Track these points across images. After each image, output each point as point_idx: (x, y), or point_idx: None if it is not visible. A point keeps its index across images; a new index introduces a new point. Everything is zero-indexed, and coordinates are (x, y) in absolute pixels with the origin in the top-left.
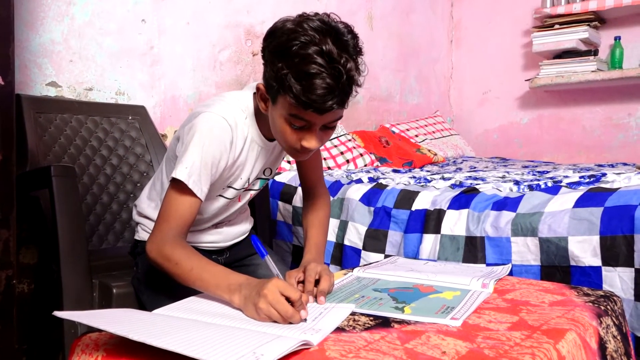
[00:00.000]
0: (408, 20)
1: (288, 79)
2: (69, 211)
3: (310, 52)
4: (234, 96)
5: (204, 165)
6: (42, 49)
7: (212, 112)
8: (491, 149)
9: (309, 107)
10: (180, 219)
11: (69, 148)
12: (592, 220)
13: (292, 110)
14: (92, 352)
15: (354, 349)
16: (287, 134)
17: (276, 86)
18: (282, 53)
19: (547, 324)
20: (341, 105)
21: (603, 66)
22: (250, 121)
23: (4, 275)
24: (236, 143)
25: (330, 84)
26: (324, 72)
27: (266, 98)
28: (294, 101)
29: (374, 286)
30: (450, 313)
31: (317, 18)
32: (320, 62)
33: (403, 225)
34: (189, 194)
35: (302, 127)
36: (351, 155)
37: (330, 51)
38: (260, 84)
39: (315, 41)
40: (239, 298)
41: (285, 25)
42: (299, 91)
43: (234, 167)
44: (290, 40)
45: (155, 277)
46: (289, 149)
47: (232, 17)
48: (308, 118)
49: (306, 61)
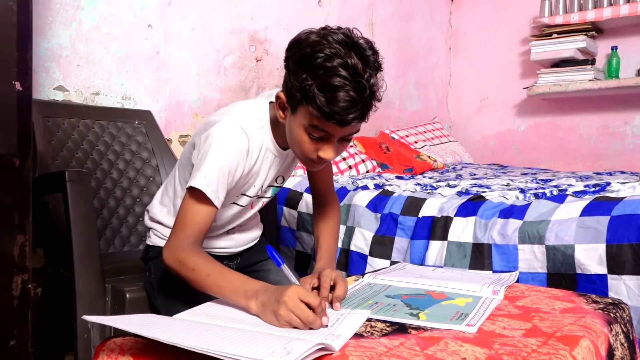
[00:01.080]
0: (407, 27)
1: (312, 90)
2: (83, 216)
3: (336, 64)
4: (250, 105)
5: (221, 174)
6: (50, 54)
7: (229, 121)
8: (488, 155)
9: (331, 118)
10: (197, 226)
11: (76, 152)
12: (598, 229)
13: (313, 121)
14: (119, 356)
15: (375, 355)
16: (305, 143)
17: (299, 96)
18: (307, 64)
19: (560, 330)
20: (362, 118)
21: (600, 75)
22: (266, 130)
23: (20, 280)
24: (252, 152)
25: (353, 97)
26: (348, 85)
27: (285, 107)
28: (317, 112)
29: (386, 292)
30: (465, 319)
31: (341, 32)
32: (345, 75)
33: (410, 231)
34: (207, 203)
35: (320, 137)
36: (353, 162)
37: (355, 65)
38: (281, 93)
39: (340, 54)
40: (256, 304)
41: (310, 37)
42: (322, 102)
43: (249, 175)
44: (315, 52)
45: (169, 283)
46: (305, 158)
47: (236, 23)
48: (328, 129)
49: (331, 73)
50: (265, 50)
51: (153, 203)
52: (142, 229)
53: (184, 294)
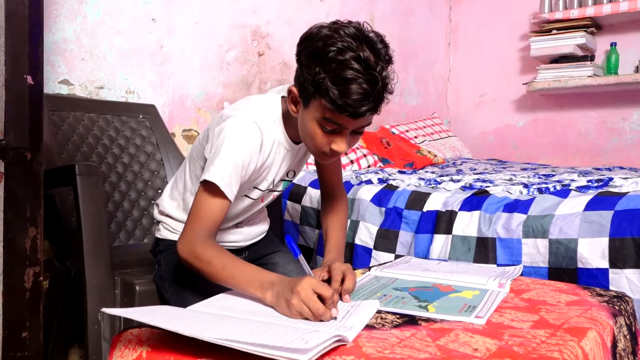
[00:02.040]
0: (408, 22)
1: (325, 83)
2: (93, 209)
3: (348, 57)
4: (263, 100)
5: (235, 167)
6: (55, 47)
7: (242, 115)
8: (487, 151)
9: (344, 111)
10: (210, 219)
11: (81, 146)
12: (602, 223)
13: (326, 114)
14: (136, 347)
15: (388, 346)
16: (317, 137)
17: (312, 89)
18: (319, 57)
19: (567, 322)
20: (374, 110)
21: (599, 71)
22: (278, 124)
23: (32, 272)
24: (265, 146)
25: (366, 89)
26: (361, 77)
27: (297, 101)
28: (330, 105)
29: (393, 285)
30: (473, 312)
31: (352, 25)
32: (357, 67)
33: (414, 225)
34: (220, 196)
35: (333, 130)
36: (355, 156)
37: (367, 58)
38: (293, 87)
39: (352, 47)
40: (271, 295)
41: (322, 31)
42: (335, 95)
43: (261, 169)
44: (327, 46)
45: (179, 275)
46: (317, 152)
47: (239, 17)
48: (341, 122)
49: (343, 66)
50: (268, 44)
51: (163, 197)
52: (147, 222)
53: (195, 286)
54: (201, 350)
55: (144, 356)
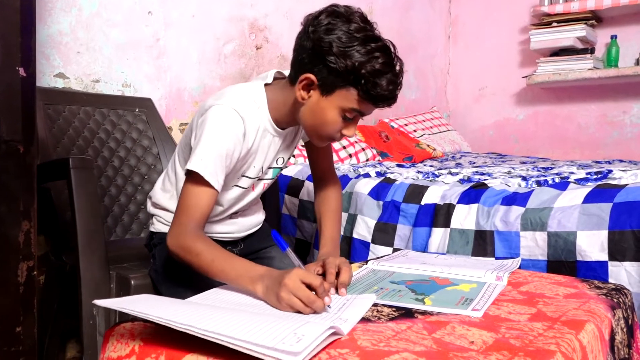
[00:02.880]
0: (407, 15)
1: (360, 75)
2: (87, 203)
3: (376, 48)
4: (244, 87)
5: (218, 156)
6: (50, 40)
7: (223, 104)
8: (487, 144)
9: (378, 102)
10: (198, 210)
11: (77, 140)
12: (601, 216)
13: (354, 105)
14: (129, 341)
15: (384, 339)
16: (335, 124)
17: (341, 79)
18: (348, 47)
19: (565, 315)
20: (395, 100)
21: (599, 64)
22: (263, 111)
23: (25, 267)
24: (249, 133)
25: (394, 81)
26: (392, 69)
27: (312, 88)
28: (364, 95)
29: (390, 278)
30: (470, 304)
31: (359, 13)
32: (386, 61)
33: (412, 219)
34: (206, 185)
35: (352, 118)
36: (353, 150)
37: (392, 50)
38: (310, 75)
39: (376, 38)
40: (261, 288)
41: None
42: (370, 87)
43: (247, 156)
44: (351, 35)
45: (173, 269)
46: (327, 137)
47: (236, 10)
48: (365, 110)
49: (377, 59)
50: (266, 38)
51: (155, 189)
52: (143, 216)
53: (189, 280)
54: (193, 344)
55: (136, 350)
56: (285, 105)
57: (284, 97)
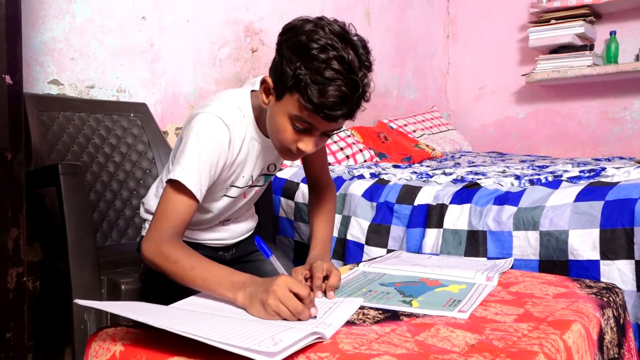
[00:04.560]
0: (405, 15)
1: (304, 80)
2: (77, 208)
3: (331, 56)
4: (231, 95)
5: (202, 166)
6: (44, 47)
7: (208, 112)
8: (488, 143)
9: (319, 111)
10: (177, 218)
11: (72, 146)
12: (592, 214)
13: (299, 112)
14: (110, 346)
15: (366, 342)
16: (286, 133)
17: (289, 83)
18: (302, 52)
19: (552, 315)
20: (349, 116)
21: (599, 61)
22: (249, 119)
23: (15, 273)
24: (234, 142)
25: (345, 92)
26: (342, 80)
27: (270, 92)
28: (306, 103)
29: (380, 280)
30: (457, 306)
31: (337, 24)
32: (339, 69)
33: (405, 220)
34: (187, 194)
35: (304, 129)
36: (351, 151)
37: (351, 61)
38: (268, 77)
39: (337, 47)
40: (243, 296)
41: (306, 25)
42: (313, 94)
43: (233, 166)
44: (311, 41)
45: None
46: (282, 148)
47: (231, 13)
48: (313, 122)
49: (326, 65)
50: (261, 40)
51: (148, 195)
52: (139, 221)
53: (178, 285)
54: (173, 348)
55: (117, 355)
56: (264, 111)
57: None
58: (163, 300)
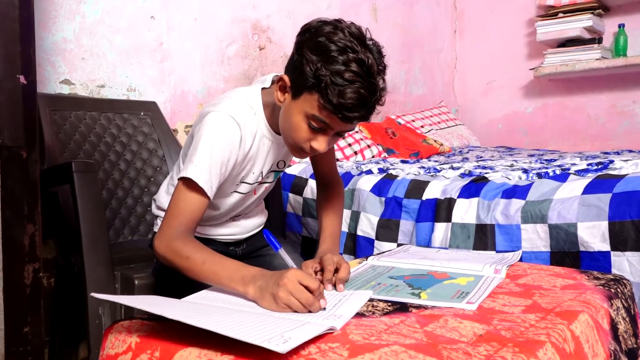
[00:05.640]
0: (412, 11)
1: (325, 80)
2: (91, 205)
3: (351, 59)
4: (242, 93)
5: (213, 164)
6: (55, 48)
7: (219, 111)
8: (496, 138)
9: (338, 112)
10: (189, 215)
11: (84, 144)
12: (600, 207)
13: (316, 111)
14: (126, 338)
15: (375, 332)
16: (301, 131)
17: (308, 83)
18: (322, 53)
19: (560, 306)
20: (366, 118)
21: (607, 54)
22: (259, 117)
23: (31, 269)
24: (245, 140)
25: (364, 95)
26: (361, 82)
27: (286, 90)
28: (325, 103)
29: (389, 274)
30: (465, 298)
31: (355, 27)
32: (359, 72)
33: (414, 214)
34: (198, 192)
35: (319, 128)
36: (359, 147)
37: (371, 65)
38: (284, 75)
39: (357, 50)
40: (254, 289)
41: (325, 27)
42: (332, 94)
43: (244, 162)
44: (332, 42)
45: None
46: (295, 146)
47: (238, 12)
48: (329, 122)
49: (347, 68)
50: (269, 38)
51: (160, 192)
52: (150, 218)
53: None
54: (187, 339)
55: (132, 347)
56: (276, 109)
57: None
58: (175, 295)
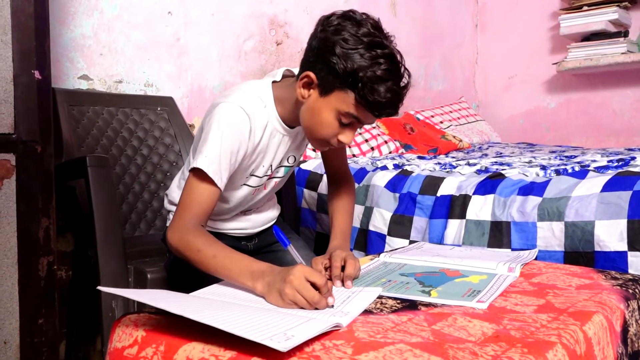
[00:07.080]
0: (431, 5)
1: (359, 78)
2: (104, 199)
3: (381, 54)
4: (252, 85)
5: (223, 154)
6: (74, 44)
7: (229, 102)
8: (517, 134)
9: (373, 109)
10: (200, 207)
11: (101, 139)
12: (620, 204)
13: (352, 109)
14: (132, 331)
15: (382, 330)
16: (331, 127)
17: (340, 81)
18: (353, 49)
19: (573, 306)
20: (397, 112)
21: (633, 48)
22: (270, 109)
23: (46, 262)
24: (255, 132)
25: (396, 91)
26: (395, 78)
27: (312, 87)
28: (361, 100)
29: (400, 271)
30: (476, 296)
31: (371, 19)
32: (391, 68)
33: (428, 210)
34: (209, 183)
35: (349, 123)
36: (376, 143)
37: (400, 61)
38: (310, 72)
39: (385, 45)
40: (262, 285)
41: (345, 22)
42: (367, 92)
43: (254, 154)
44: (359, 38)
45: (186, 263)
46: (322, 141)
47: (255, 6)
48: (362, 117)
49: (380, 65)
50: (286, 33)
51: (172, 187)
52: (165, 212)
53: (201, 274)
54: (192, 334)
55: (139, 341)
56: (290, 103)
57: (290, 95)
58: (187, 289)
